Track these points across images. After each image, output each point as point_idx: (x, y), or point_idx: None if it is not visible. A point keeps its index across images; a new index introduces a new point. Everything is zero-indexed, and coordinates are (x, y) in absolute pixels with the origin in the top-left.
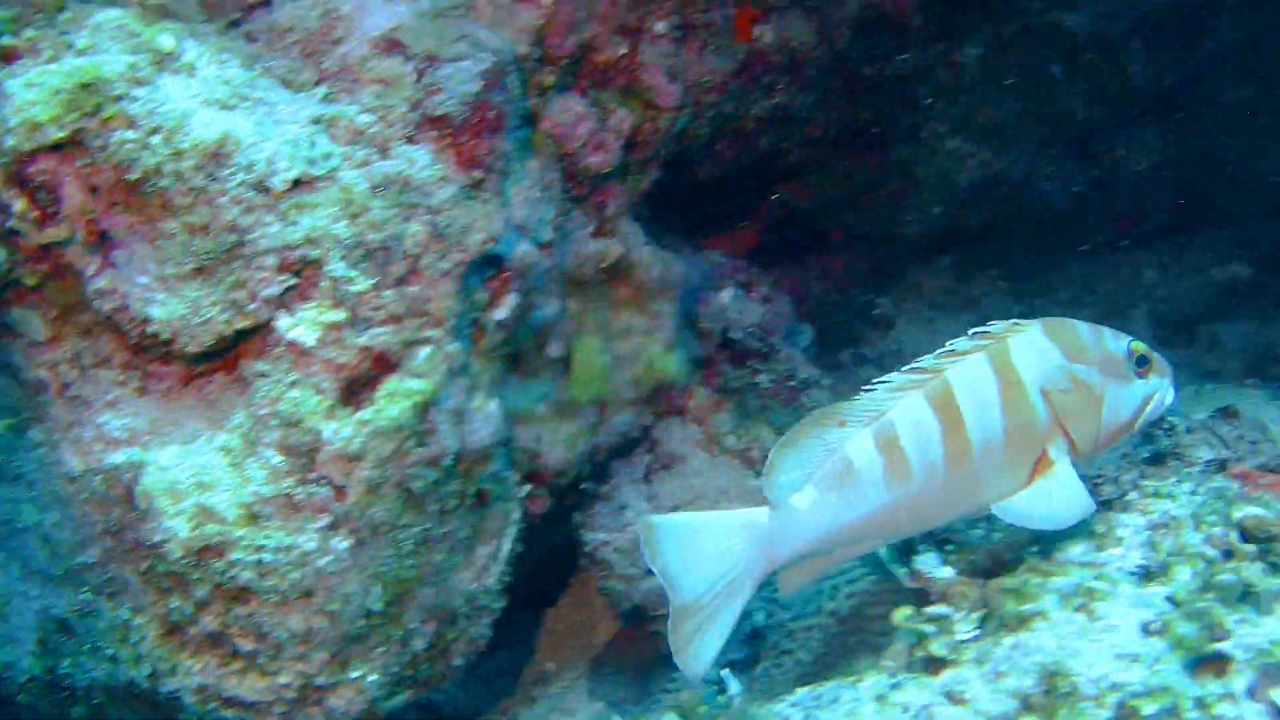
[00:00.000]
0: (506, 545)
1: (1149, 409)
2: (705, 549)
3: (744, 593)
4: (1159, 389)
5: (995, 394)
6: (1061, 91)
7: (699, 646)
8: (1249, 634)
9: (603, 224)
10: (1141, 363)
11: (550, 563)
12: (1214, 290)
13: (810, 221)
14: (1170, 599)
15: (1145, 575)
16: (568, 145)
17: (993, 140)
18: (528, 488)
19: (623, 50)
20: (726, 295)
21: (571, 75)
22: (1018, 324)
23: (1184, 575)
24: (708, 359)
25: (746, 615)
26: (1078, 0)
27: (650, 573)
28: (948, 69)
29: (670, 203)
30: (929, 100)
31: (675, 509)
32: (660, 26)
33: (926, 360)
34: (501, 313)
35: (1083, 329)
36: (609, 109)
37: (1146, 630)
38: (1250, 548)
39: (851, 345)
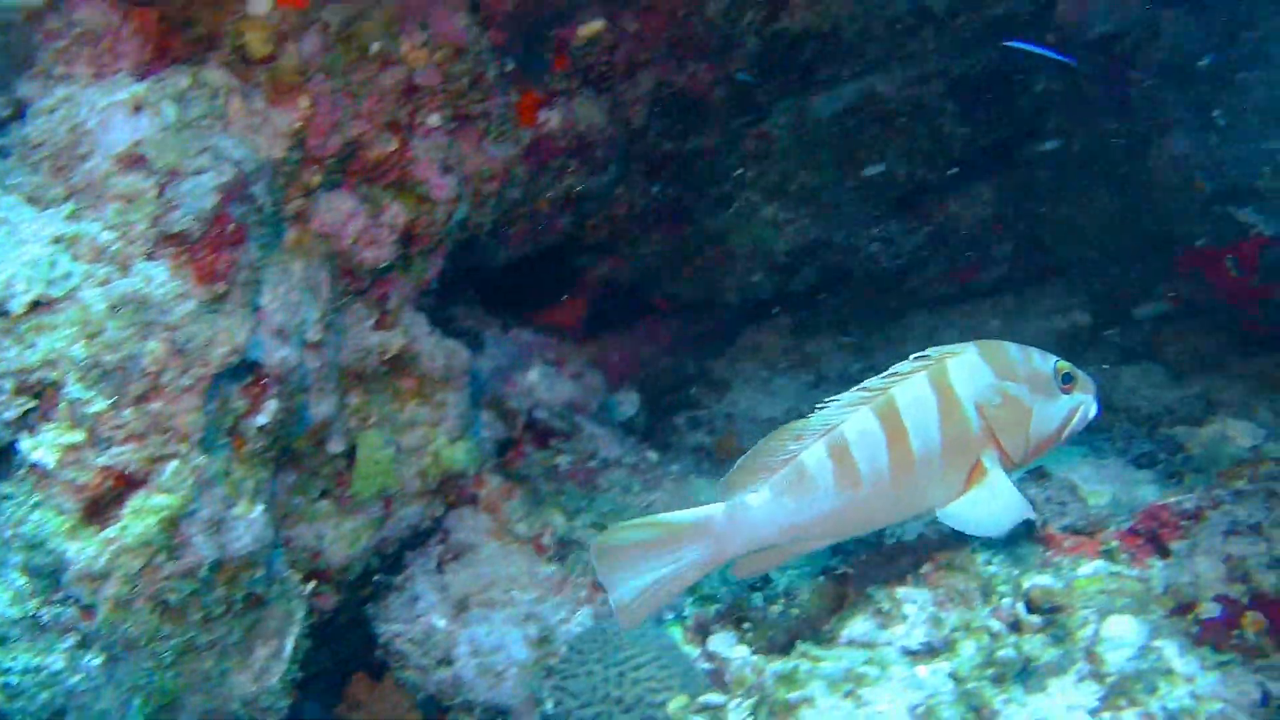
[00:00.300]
0: (289, 644)
1: (1074, 421)
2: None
3: (691, 575)
4: (1083, 403)
5: (934, 409)
6: (879, 155)
7: (636, 612)
8: (1015, 714)
9: (384, 316)
10: (1067, 380)
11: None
12: (1056, 338)
13: (633, 292)
14: (953, 675)
15: (929, 652)
16: (339, 243)
17: (810, 206)
18: (312, 585)
19: (392, 146)
20: (533, 375)
21: (340, 173)
22: (954, 349)
23: (968, 650)
24: (514, 440)
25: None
26: (887, 67)
27: (445, 663)
28: (757, 140)
29: (479, 284)
30: (739, 171)
31: (466, 599)
32: (433, 120)
33: (874, 381)
34: (262, 418)
35: (1013, 350)
36: (382, 205)
37: (913, 715)
38: (1036, 619)
39: (686, 409)
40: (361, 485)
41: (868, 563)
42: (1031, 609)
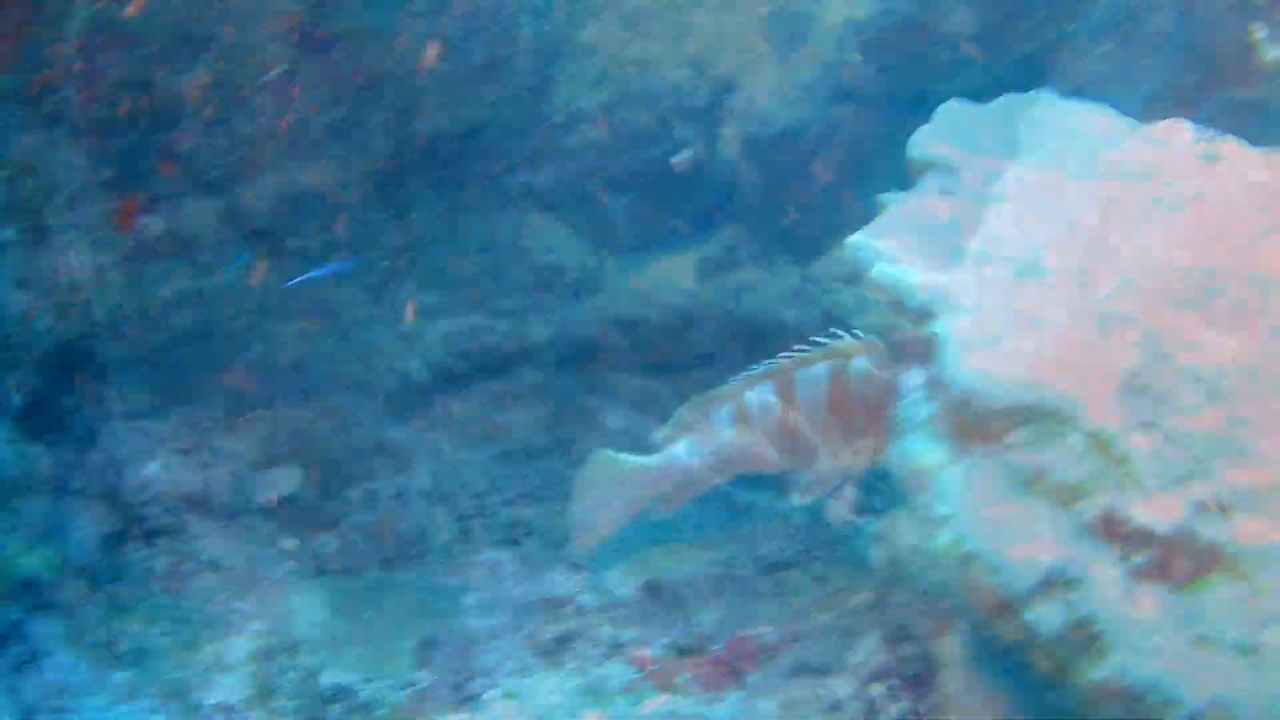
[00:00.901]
0: None
1: None
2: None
3: (636, 507)
4: None
5: (826, 389)
6: (545, 246)
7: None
8: None
9: None
10: None
11: None
12: None
13: (296, 372)
14: None
15: None
16: None
17: (464, 294)
18: None
19: None
20: (154, 467)
21: None
22: (857, 342)
23: None
24: (122, 537)
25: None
26: (541, 161)
27: None
28: (401, 233)
29: (103, 377)
30: (386, 263)
31: (35, 705)
32: (9, 234)
33: (781, 359)
34: None
35: None
36: None
37: None
38: None
39: (366, 481)
40: None
41: (441, 684)
42: None
